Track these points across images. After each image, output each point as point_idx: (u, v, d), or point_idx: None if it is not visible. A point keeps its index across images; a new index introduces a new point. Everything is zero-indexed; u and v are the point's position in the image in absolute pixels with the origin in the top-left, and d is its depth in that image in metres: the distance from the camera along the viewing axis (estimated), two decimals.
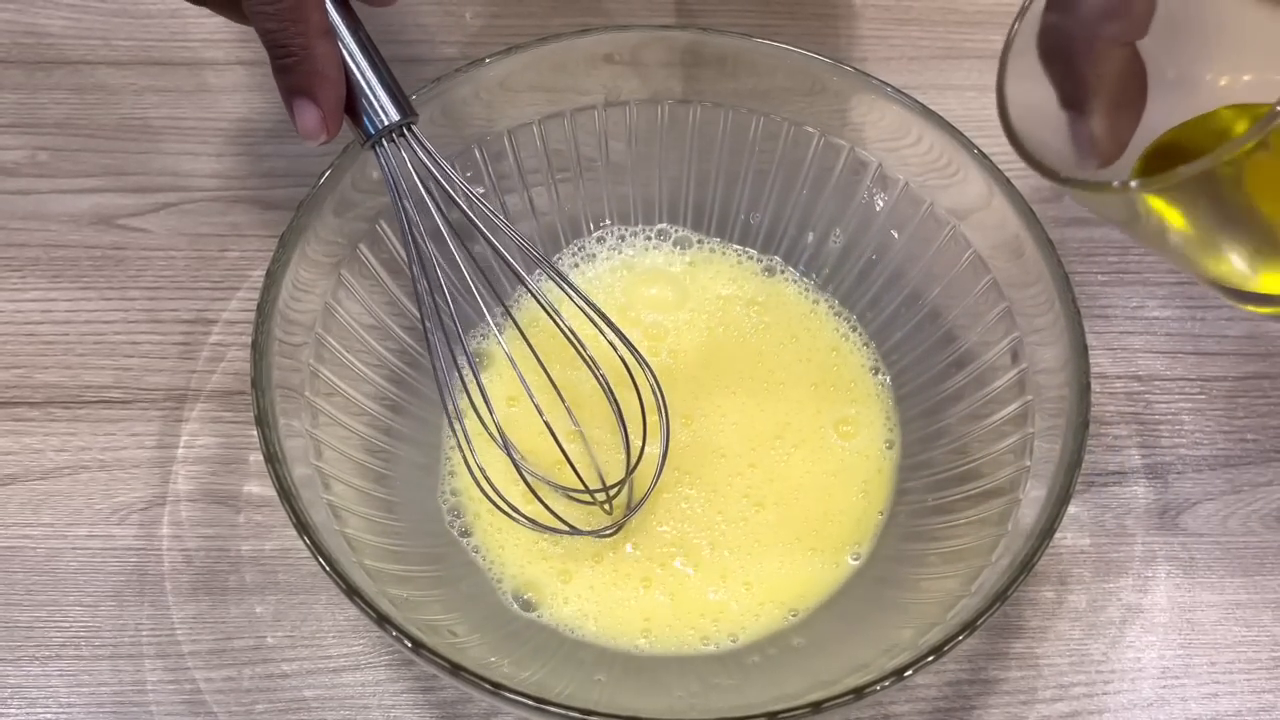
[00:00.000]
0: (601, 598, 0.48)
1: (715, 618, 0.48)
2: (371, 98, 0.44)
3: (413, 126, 0.44)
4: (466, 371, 0.48)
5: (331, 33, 0.43)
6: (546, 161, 0.54)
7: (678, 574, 0.48)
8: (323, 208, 0.46)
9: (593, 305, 0.48)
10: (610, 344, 0.48)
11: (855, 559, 0.49)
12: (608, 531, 0.48)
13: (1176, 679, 0.50)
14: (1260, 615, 0.51)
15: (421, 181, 0.44)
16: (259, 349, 0.43)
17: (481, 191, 0.53)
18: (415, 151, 0.44)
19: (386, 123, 0.44)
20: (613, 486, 0.48)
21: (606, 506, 0.49)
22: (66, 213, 0.59)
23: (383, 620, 0.39)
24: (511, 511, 0.47)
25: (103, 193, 0.60)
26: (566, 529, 0.48)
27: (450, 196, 0.45)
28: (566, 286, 0.48)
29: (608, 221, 0.57)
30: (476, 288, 0.46)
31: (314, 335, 0.47)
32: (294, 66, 0.42)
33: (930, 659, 0.38)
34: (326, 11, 0.43)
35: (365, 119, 0.44)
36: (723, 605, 0.48)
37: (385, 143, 0.44)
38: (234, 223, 0.59)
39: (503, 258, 0.46)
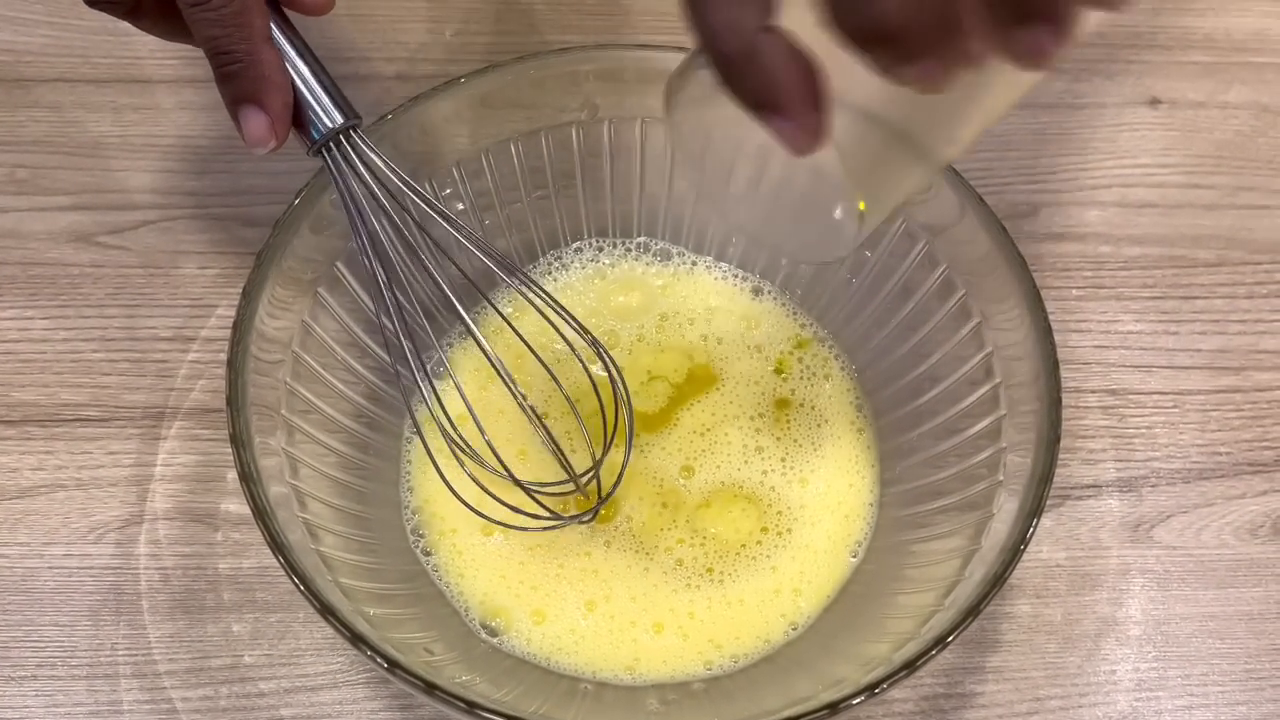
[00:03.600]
0: (585, 638, 0.48)
1: (720, 644, 0.48)
2: (314, 102, 0.44)
3: (357, 129, 0.45)
4: (426, 371, 0.48)
5: (273, 39, 0.43)
6: (525, 179, 0.55)
7: (691, 611, 0.48)
8: (300, 225, 0.47)
9: (546, 295, 0.47)
10: (569, 343, 0.47)
11: (853, 556, 0.49)
12: (587, 517, 0.48)
13: (1151, 691, 0.50)
14: (1233, 627, 0.51)
15: (374, 179, 0.45)
16: (235, 367, 0.43)
17: (461, 207, 0.53)
18: (363, 152, 0.45)
19: (331, 125, 0.44)
20: (563, 482, 0.48)
21: (561, 506, 0.48)
22: (44, 230, 0.59)
23: (357, 640, 0.39)
24: (465, 498, 0.46)
25: (81, 210, 0.60)
26: (512, 519, 0.47)
27: (395, 197, 0.45)
28: (519, 281, 0.47)
29: (586, 236, 0.57)
30: (425, 286, 0.46)
31: (291, 353, 0.47)
32: (240, 73, 0.42)
33: (903, 674, 0.38)
34: (269, 17, 0.43)
35: (310, 124, 0.44)
36: (724, 634, 0.48)
37: (332, 147, 0.44)
38: (213, 240, 0.59)
39: (449, 254, 0.46)
